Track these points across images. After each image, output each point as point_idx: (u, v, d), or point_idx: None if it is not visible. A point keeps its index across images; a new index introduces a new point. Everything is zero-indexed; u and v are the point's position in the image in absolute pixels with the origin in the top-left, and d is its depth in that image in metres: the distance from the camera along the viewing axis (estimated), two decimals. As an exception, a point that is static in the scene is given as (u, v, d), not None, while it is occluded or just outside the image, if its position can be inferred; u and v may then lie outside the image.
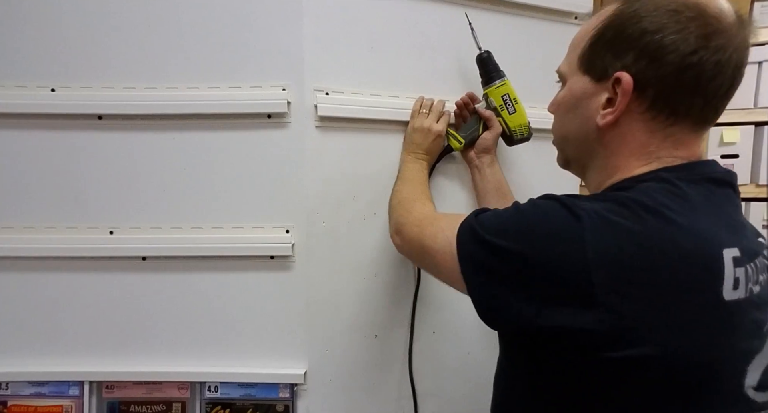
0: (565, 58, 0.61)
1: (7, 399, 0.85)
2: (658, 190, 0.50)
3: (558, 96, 0.62)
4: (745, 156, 1.33)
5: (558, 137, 0.64)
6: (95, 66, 0.80)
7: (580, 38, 0.58)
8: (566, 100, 0.60)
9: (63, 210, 0.82)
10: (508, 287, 0.50)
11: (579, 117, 0.58)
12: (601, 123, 0.55)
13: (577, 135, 0.60)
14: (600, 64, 0.55)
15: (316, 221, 0.83)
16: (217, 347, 0.85)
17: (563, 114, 0.61)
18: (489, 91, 0.87)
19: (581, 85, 0.57)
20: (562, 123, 0.62)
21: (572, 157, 0.63)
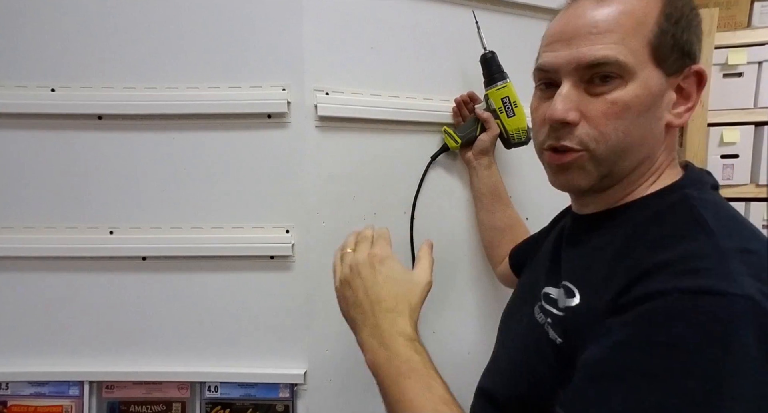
0: (611, 47, 0.47)
1: (7, 399, 0.85)
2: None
3: (624, 96, 0.48)
4: (745, 156, 1.33)
5: (615, 149, 0.49)
6: (95, 66, 0.80)
7: (635, 21, 0.47)
8: (641, 100, 0.48)
9: (63, 210, 0.82)
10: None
11: (651, 119, 0.49)
12: (678, 123, 0.50)
13: (642, 142, 0.50)
14: (676, 56, 0.48)
15: (316, 221, 0.83)
16: (217, 347, 0.85)
17: (633, 118, 0.48)
18: (490, 92, 0.87)
19: (657, 80, 0.48)
20: (629, 130, 0.48)
21: (620, 171, 0.51)
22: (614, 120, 0.48)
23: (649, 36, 0.47)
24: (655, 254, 0.43)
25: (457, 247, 0.96)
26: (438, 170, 0.92)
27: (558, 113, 0.49)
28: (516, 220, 0.90)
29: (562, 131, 0.51)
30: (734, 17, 1.33)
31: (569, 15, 0.51)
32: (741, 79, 1.33)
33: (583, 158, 0.50)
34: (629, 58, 0.47)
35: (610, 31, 0.47)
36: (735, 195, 1.35)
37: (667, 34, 0.48)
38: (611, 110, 0.48)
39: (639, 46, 0.47)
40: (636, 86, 0.48)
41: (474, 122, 0.89)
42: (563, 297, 0.51)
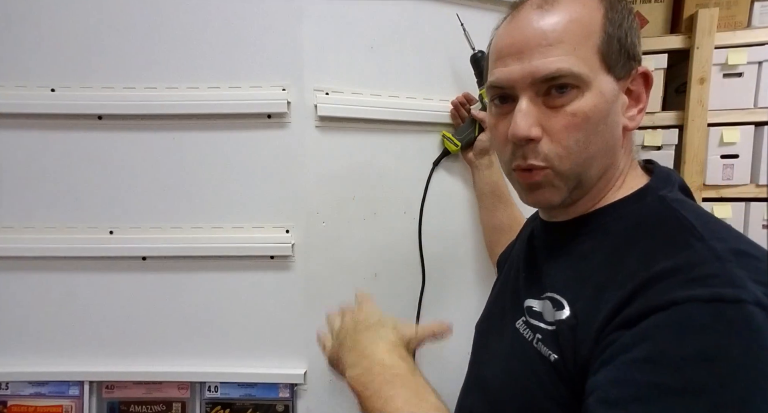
0: (562, 58, 0.46)
1: (7, 399, 0.85)
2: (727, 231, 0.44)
3: (583, 106, 0.47)
4: (745, 156, 1.33)
5: (578, 162, 0.49)
6: (95, 66, 0.80)
7: (584, 29, 0.47)
8: (600, 108, 0.47)
9: (63, 210, 0.82)
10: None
11: (610, 126, 0.49)
12: (633, 126, 0.50)
13: (605, 150, 0.49)
14: (623, 60, 0.48)
15: (316, 221, 0.83)
16: (217, 347, 0.85)
17: (594, 127, 0.48)
18: (483, 91, 0.87)
19: (610, 86, 0.48)
20: (590, 140, 0.48)
21: (586, 183, 0.50)
22: (575, 132, 0.48)
23: (597, 43, 0.47)
24: (653, 264, 0.42)
25: (460, 247, 0.96)
26: (440, 171, 0.93)
27: (521, 130, 0.48)
28: (517, 220, 0.90)
29: (526, 148, 0.50)
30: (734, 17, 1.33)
31: (515, 26, 0.50)
32: (741, 79, 1.32)
33: (550, 175, 0.50)
34: (583, 68, 0.46)
35: (560, 41, 0.46)
36: (735, 195, 1.34)
37: (612, 38, 0.47)
38: (572, 122, 0.47)
39: (590, 54, 0.47)
40: (592, 95, 0.47)
41: (471, 123, 0.89)
42: (550, 310, 0.49)
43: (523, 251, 0.62)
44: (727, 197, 1.35)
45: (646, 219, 0.48)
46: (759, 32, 1.31)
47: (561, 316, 0.47)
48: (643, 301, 0.40)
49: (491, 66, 0.53)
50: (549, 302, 0.50)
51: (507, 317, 0.58)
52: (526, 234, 0.65)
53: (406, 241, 0.91)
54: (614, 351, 0.40)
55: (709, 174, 1.34)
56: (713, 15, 1.29)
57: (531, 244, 0.61)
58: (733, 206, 1.33)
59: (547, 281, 0.53)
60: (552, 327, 0.48)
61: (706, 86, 1.31)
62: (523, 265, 0.60)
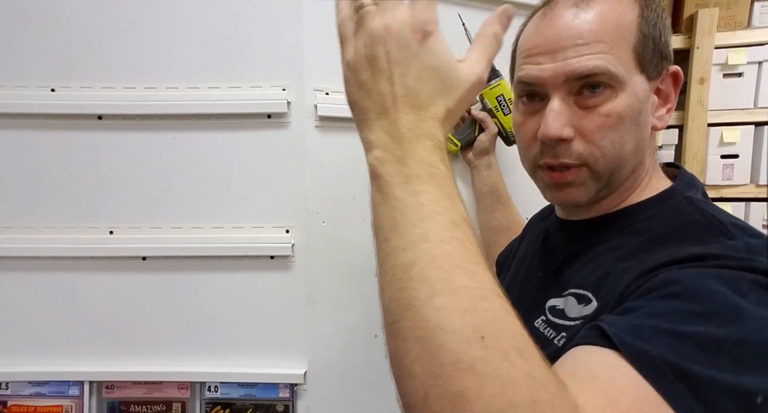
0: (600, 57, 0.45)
1: (7, 399, 0.85)
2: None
3: (617, 107, 0.46)
4: (745, 156, 1.33)
5: (614, 161, 0.48)
6: (95, 66, 0.80)
7: (621, 28, 0.46)
8: (633, 108, 0.47)
9: (63, 210, 0.82)
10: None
11: (641, 126, 0.48)
12: (661, 125, 0.50)
13: (635, 150, 0.49)
14: (656, 60, 0.48)
15: (316, 221, 0.83)
16: (217, 347, 0.85)
17: (627, 128, 0.47)
18: (484, 91, 0.87)
19: (642, 87, 0.48)
20: (623, 141, 0.48)
21: (616, 182, 0.50)
22: (609, 132, 0.47)
23: (633, 42, 0.46)
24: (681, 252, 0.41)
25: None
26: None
27: (553, 131, 0.47)
28: (515, 221, 0.90)
29: (558, 148, 0.49)
30: (734, 17, 1.33)
31: (549, 24, 0.49)
32: (741, 79, 1.32)
33: (584, 174, 0.49)
34: (619, 67, 0.46)
35: (597, 40, 0.46)
36: (735, 195, 1.35)
37: (648, 38, 0.47)
38: (606, 123, 0.47)
39: (626, 54, 0.46)
40: (626, 96, 0.47)
41: (471, 124, 0.89)
42: (575, 305, 0.49)
43: (536, 251, 0.61)
44: (727, 197, 1.35)
45: (676, 219, 0.47)
46: (759, 32, 1.31)
47: (589, 310, 0.46)
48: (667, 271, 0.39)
49: (519, 62, 0.52)
50: (573, 298, 0.49)
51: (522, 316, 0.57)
52: (538, 234, 0.64)
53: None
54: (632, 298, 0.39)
55: (709, 174, 1.34)
56: (713, 15, 1.29)
57: (546, 243, 0.60)
58: (733, 206, 1.33)
59: (569, 278, 0.52)
60: (578, 322, 0.47)
61: (706, 86, 1.31)
62: (538, 265, 0.59)
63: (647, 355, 0.31)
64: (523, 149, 0.54)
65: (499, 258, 0.83)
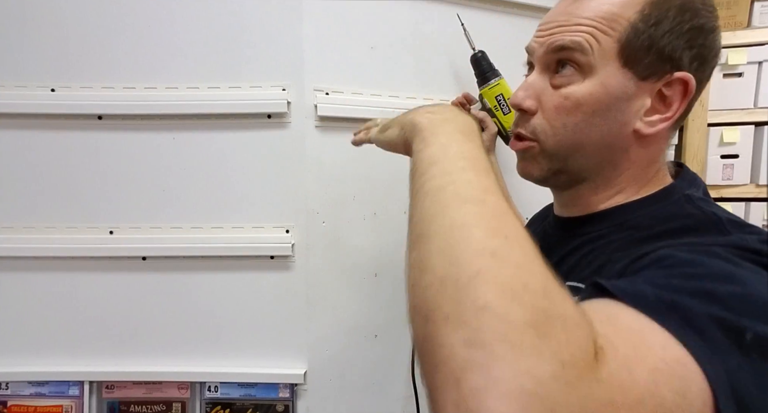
0: (581, 35, 0.46)
1: (7, 399, 0.85)
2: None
3: (577, 91, 0.47)
4: (745, 156, 1.33)
5: (564, 145, 0.49)
6: (95, 66, 0.80)
7: (611, 17, 0.46)
8: (596, 98, 0.47)
9: (63, 210, 0.82)
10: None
11: (609, 122, 0.47)
12: (648, 131, 0.47)
13: (598, 144, 0.48)
14: (650, 60, 0.46)
15: (316, 221, 0.83)
16: (217, 347, 0.85)
17: (585, 116, 0.47)
18: (483, 91, 0.87)
19: (620, 81, 0.46)
20: (579, 128, 0.48)
21: (573, 168, 0.51)
22: (564, 115, 0.48)
23: (621, 33, 0.46)
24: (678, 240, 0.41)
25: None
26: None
27: (517, 98, 0.51)
28: None
29: (521, 117, 0.52)
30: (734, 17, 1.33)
31: (553, 7, 0.52)
32: (741, 79, 1.32)
33: (535, 149, 0.51)
34: (594, 50, 0.46)
35: (581, 23, 0.47)
36: (735, 195, 1.35)
37: (641, 34, 0.46)
38: (562, 105, 0.48)
39: (607, 43, 0.46)
40: (592, 84, 0.47)
41: None
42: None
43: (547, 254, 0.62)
44: (727, 197, 1.35)
45: (673, 216, 0.47)
46: (759, 32, 1.31)
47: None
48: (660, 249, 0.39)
49: None
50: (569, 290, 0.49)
51: None
52: (538, 232, 0.64)
53: (406, 241, 0.90)
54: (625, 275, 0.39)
55: (709, 174, 1.34)
56: (713, 15, 1.29)
57: (544, 241, 0.61)
58: (733, 206, 1.33)
59: (566, 273, 0.52)
60: None
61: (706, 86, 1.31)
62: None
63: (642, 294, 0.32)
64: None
65: None
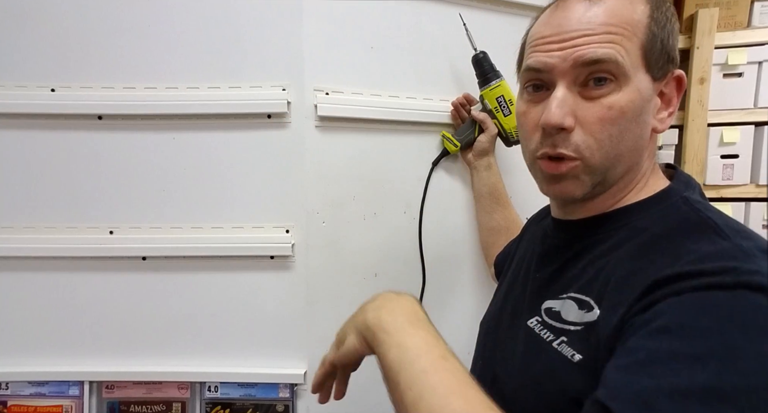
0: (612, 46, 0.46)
1: (7, 399, 0.85)
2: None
3: (619, 101, 0.47)
4: (745, 156, 1.33)
5: (609, 157, 0.48)
6: (95, 66, 0.80)
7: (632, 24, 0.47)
8: (635, 105, 0.47)
9: (63, 210, 0.82)
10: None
11: (641, 125, 0.48)
12: (662, 128, 0.50)
13: (633, 148, 0.49)
14: (662, 61, 0.48)
15: (316, 221, 0.83)
16: (217, 347, 0.85)
17: (627, 124, 0.47)
18: (484, 92, 0.87)
19: (647, 85, 0.48)
20: (623, 137, 0.48)
21: (611, 179, 0.50)
22: (609, 126, 0.47)
23: (642, 40, 0.47)
24: (678, 260, 0.41)
25: (460, 247, 0.96)
26: (440, 172, 0.92)
27: (555, 117, 0.47)
28: (513, 222, 0.90)
29: (557, 137, 0.49)
30: (734, 17, 1.33)
31: (561, 16, 0.49)
32: (741, 79, 1.33)
33: (578, 168, 0.49)
34: (626, 60, 0.46)
35: (607, 32, 0.46)
36: (735, 195, 1.35)
37: (656, 38, 0.47)
38: (607, 115, 0.47)
39: (634, 50, 0.47)
40: (630, 91, 0.47)
41: (471, 124, 0.89)
42: (575, 310, 0.48)
43: (534, 252, 0.61)
44: (727, 197, 1.35)
45: (672, 219, 0.47)
46: (759, 32, 1.31)
47: (592, 317, 0.46)
48: (667, 290, 0.40)
49: (528, 52, 0.52)
50: (573, 302, 0.49)
51: (519, 316, 0.57)
52: (536, 235, 0.64)
53: (406, 241, 0.91)
54: (633, 330, 0.40)
55: (709, 174, 1.34)
56: (713, 15, 1.29)
57: (544, 244, 0.60)
58: (733, 206, 1.33)
59: (569, 281, 0.52)
60: (579, 328, 0.47)
61: (706, 86, 1.31)
62: (536, 266, 0.59)
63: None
64: (525, 139, 0.54)
65: (497, 259, 0.83)
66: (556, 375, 0.47)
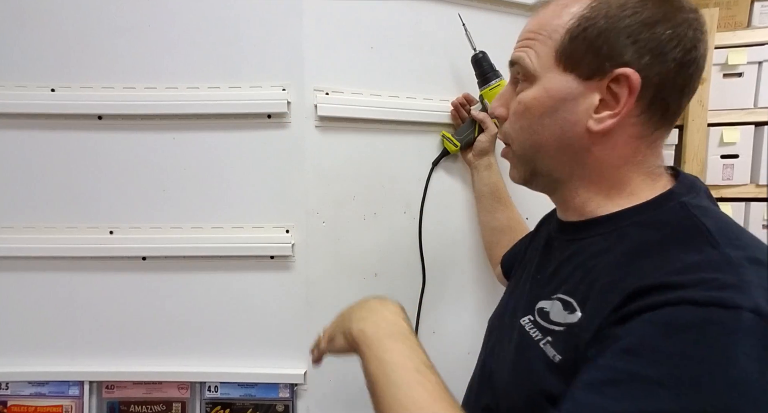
0: (524, 50, 0.52)
1: (7, 399, 0.85)
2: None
3: (525, 97, 0.52)
4: (745, 156, 1.33)
5: (525, 147, 0.54)
6: (95, 66, 0.80)
7: (550, 28, 0.50)
8: (540, 102, 0.51)
9: (63, 210, 0.82)
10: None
11: (560, 122, 0.51)
12: (598, 128, 0.49)
13: (556, 144, 0.52)
14: (589, 60, 0.48)
15: (316, 221, 0.83)
16: (217, 347, 0.85)
17: (535, 119, 0.52)
18: (484, 92, 0.87)
19: (562, 84, 0.50)
20: (534, 130, 0.52)
21: (543, 170, 0.54)
22: (519, 119, 0.54)
23: (557, 42, 0.50)
24: (662, 269, 0.42)
25: (459, 247, 0.96)
26: (440, 172, 0.92)
27: (490, 108, 0.60)
28: (516, 221, 0.90)
29: (500, 125, 0.58)
30: (734, 17, 1.33)
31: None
32: (741, 79, 1.33)
33: (510, 153, 0.58)
34: (533, 62, 0.51)
35: (528, 38, 0.52)
36: (735, 195, 1.35)
37: (576, 39, 0.48)
38: (516, 110, 0.54)
39: (546, 52, 0.50)
40: (536, 89, 0.51)
41: (471, 124, 0.89)
42: (561, 311, 0.49)
43: (539, 252, 0.62)
44: (727, 197, 1.35)
45: (664, 225, 0.47)
46: (759, 32, 1.31)
47: (573, 319, 0.47)
48: (643, 300, 0.41)
49: None
50: (559, 303, 0.50)
51: (516, 314, 0.58)
52: (544, 234, 0.64)
53: (406, 241, 0.91)
54: (606, 344, 0.41)
55: (709, 174, 1.34)
56: (713, 15, 1.29)
57: (547, 244, 0.61)
58: (733, 206, 1.33)
59: (559, 281, 0.53)
60: (562, 329, 0.48)
61: (706, 86, 1.31)
62: (537, 266, 0.60)
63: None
64: None
65: (504, 258, 0.83)
66: (538, 374, 0.49)
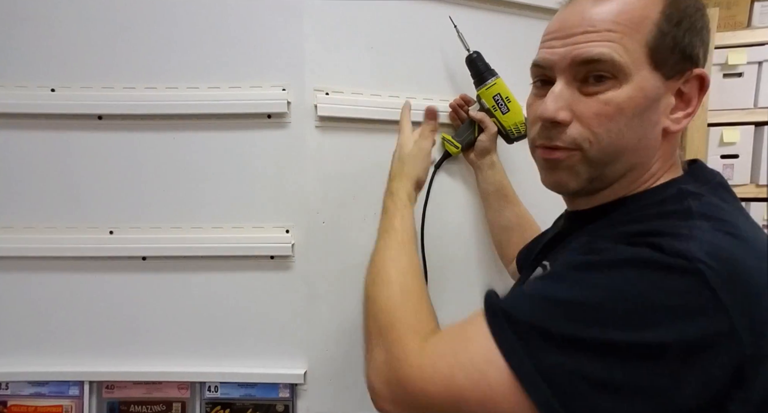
0: (607, 45, 0.46)
1: (7, 399, 0.85)
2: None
3: (617, 97, 0.47)
4: (745, 156, 1.33)
5: (608, 151, 0.49)
6: (95, 66, 0.80)
7: (635, 21, 0.46)
8: (636, 102, 0.47)
9: (63, 210, 0.82)
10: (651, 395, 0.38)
11: (646, 123, 0.48)
12: (676, 129, 0.49)
13: (637, 146, 0.49)
14: (675, 59, 0.47)
15: (316, 221, 0.83)
16: (217, 347, 0.85)
17: (627, 120, 0.47)
18: (481, 92, 0.87)
19: (653, 83, 0.47)
20: (622, 132, 0.48)
21: (609, 175, 0.50)
22: (607, 121, 0.48)
23: (647, 37, 0.47)
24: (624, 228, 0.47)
25: (462, 248, 0.96)
26: (442, 173, 0.92)
27: (548, 111, 0.49)
28: (525, 218, 0.89)
29: (553, 130, 0.50)
30: (734, 17, 1.33)
31: (567, 12, 0.50)
32: (741, 79, 1.33)
33: (575, 158, 0.50)
34: (624, 58, 0.46)
35: (608, 30, 0.46)
36: (735, 195, 1.35)
37: (666, 35, 0.47)
38: (604, 111, 0.47)
39: (636, 47, 0.46)
40: (630, 88, 0.47)
41: (470, 125, 0.89)
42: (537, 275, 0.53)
43: (546, 243, 0.63)
44: (727, 197, 1.35)
45: (654, 208, 0.48)
46: (759, 32, 1.31)
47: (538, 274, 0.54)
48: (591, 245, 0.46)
49: (539, 46, 0.54)
50: (540, 268, 0.55)
51: None
52: (557, 228, 0.66)
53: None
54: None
55: (709, 174, 1.34)
56: (713, 15, 1.29)
57: (560, 234, 0.62)
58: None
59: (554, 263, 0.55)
60: None
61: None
62: (545, 255, 0.61)
63: (492, 307, 0.46)
64: (528, 129, 0.56)
65: (521, 255, 0.82)
66: None
